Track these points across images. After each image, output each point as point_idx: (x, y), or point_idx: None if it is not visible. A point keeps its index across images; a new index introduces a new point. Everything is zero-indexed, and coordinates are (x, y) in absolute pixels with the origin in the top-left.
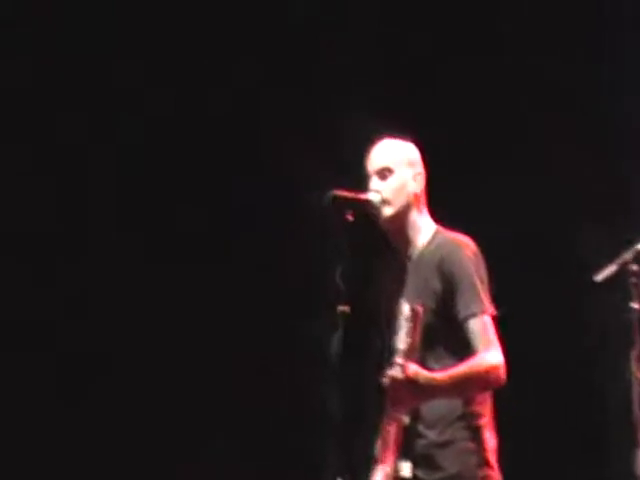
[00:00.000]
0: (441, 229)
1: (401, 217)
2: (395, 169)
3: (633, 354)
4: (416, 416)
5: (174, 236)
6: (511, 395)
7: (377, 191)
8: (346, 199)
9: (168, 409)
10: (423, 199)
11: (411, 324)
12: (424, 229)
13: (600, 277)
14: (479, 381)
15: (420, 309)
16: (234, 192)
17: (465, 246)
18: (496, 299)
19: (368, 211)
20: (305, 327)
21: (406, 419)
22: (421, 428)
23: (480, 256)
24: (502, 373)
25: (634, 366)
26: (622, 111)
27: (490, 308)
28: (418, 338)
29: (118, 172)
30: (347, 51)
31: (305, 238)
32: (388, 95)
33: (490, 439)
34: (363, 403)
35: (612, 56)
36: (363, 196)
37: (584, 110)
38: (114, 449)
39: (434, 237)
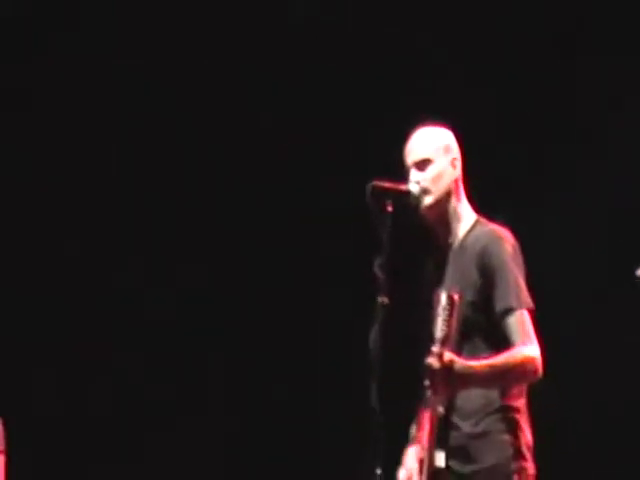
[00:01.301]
0: (482, 219)
1: (441, 205)
2: (433, 158)
3: None
4: (451, 407)
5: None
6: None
7: (417, 182)
8: (386, 189)
9: None
10: (461, 184)
11: (448, 312)
12: (465, 218)
13: None
14: (515, 373)
15: (457, 297)
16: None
17: (505, 238)
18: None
19: (408, 202)
20: (347, 319)
21: (441, 409)
22: (456, 419)
23: (519, 249)
24: (539, 366)
25: None
26: None
27: (528, 302)
28: (455, 326)
29: None
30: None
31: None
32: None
33: (526, 433)
34: (403, 394)
35: None
36: (403, 187)
37: None
38: None
39: (474, 227)
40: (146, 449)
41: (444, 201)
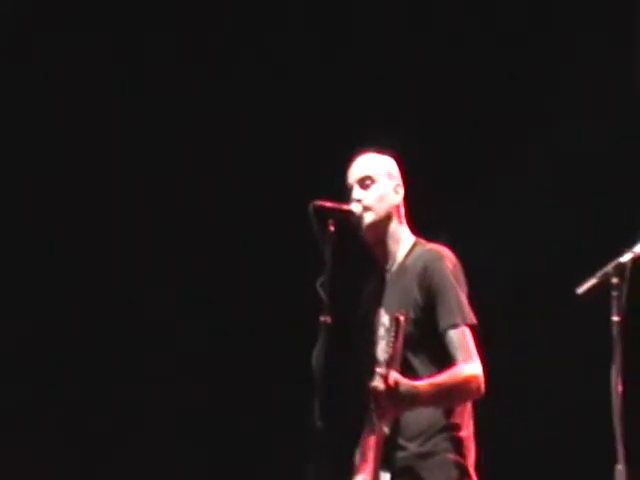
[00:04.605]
0: (420, 240)
1: (382, 226)
2: (377, 179)
3: (614, 368)
4: (396, 428)
5: None
6: (492, 409)
7: (359, 200)
8: (328, 209)
9: None
10: (403, 211)
11: (393, 334)
12: (404, 240)
13: (582, 290)
14: (459, 391)
15: (402, 319)
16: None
17: (445, 256)
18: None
19: (350, 221)
20: (287, 338)
21: (386, 430)
22: (401, 440)
23: (459, 266)
24: (481, 384)
25: (614, 381)
26: None
27: (470, 318)
28: (400, 347)
29: None
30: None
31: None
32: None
33: (471, 451)
34: (346, 414)
35: None
36: (345, 206)
37: None
38: None
39: (413, 248)
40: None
41: (384, 222)
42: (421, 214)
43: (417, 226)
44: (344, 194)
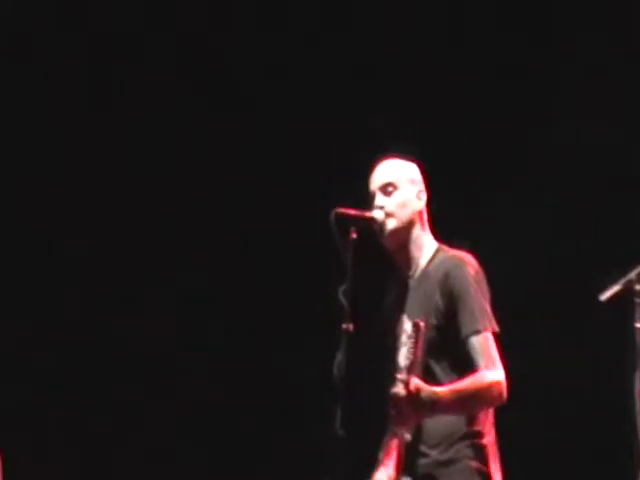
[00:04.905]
0: (443, 246)
1: (404, 233)
2: (399, 185)
3: (637, 375)
4: (418, 435)
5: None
6: (515, 416)
7: (381, 207)
8: (349, 216)
9: None
10: (425, 218)
11: (413, 340)
12: (426, 247)
13: (605, 296)
14: (481, 397)
15: (422, 325)
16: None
17: (467, 263)
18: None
19: (372, 229)
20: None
21: (408, 436)
22: (423, 447)
23: (482, 273)
24: (504, 390)
25: (637, 387)
26: None
27: (492, 325)
28: (420, 354)
29: None
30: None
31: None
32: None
33: (494, 458)
34: (369, 420)
35: None
36: (367, 213)
37: None
38: None
39: (436, 254)
40: None
41: (407, 229)
42: (443, 220)
43: (440, 232)
44: (365, 201)
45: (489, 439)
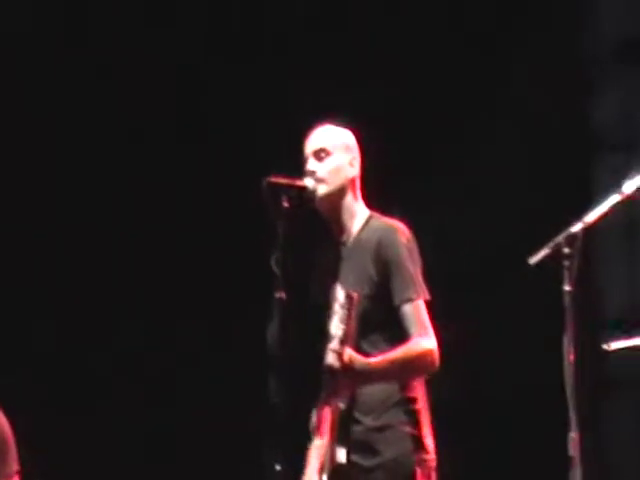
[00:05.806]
0: (375, 214)
1: (336, 199)
2: (332, 151)
3: (565, 338)
4: (352, 403)
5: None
6: (444, 381)
7: (312, 172)
8: (281, 185)
9: None
10: (358, 185)
11: (346, 310)
12: (358, 214)
13: (534, 260)
14: (414, 366)
15: (355, 295)
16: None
17: (399, 230)
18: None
19: (304, 197)
20: (243, 314)
21: (342, 405)
22: (357, 414)
23: (414, 241)
24: (436, 358)
25: (566, 350)
26: None
27: (424, 293)
28: (353, 324)
29: None
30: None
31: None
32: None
33: (426, 423)
34: (302, 390)
35: None
36: (299, 182)
37: None
38: None
39: (368, 222)
40: None
41: (338, 195)
42: (374, 188)
43: (371, 200)
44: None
45: (422, 405)
